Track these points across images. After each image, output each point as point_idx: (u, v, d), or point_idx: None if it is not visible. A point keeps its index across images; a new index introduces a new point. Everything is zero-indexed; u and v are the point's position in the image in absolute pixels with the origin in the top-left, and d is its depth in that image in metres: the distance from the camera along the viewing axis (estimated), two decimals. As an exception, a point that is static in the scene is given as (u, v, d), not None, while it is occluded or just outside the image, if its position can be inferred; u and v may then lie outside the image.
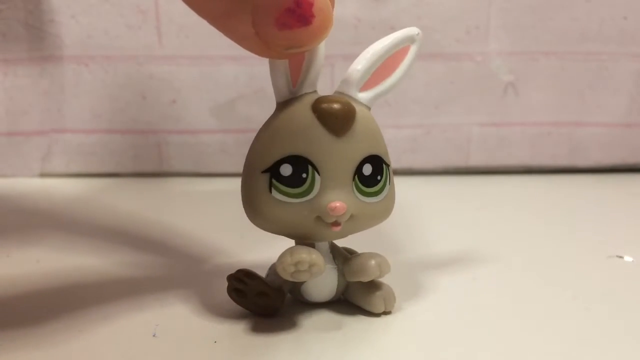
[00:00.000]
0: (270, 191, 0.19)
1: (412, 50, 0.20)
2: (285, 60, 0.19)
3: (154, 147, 0.45)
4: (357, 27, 0.43)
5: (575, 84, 0.45)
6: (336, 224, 0.19)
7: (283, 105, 0.19)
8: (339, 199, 0.18)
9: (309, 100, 0.19)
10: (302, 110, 0.19)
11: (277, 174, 0.19)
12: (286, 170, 0.18)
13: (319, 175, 0.19)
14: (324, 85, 0.20)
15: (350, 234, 0.20)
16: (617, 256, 0.27)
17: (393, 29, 0.20)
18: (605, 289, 0.24)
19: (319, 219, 0.19)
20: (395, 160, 0.45)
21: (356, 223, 0.19)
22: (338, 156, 0.19)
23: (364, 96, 0.20)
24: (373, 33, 0.43)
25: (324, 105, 0.18)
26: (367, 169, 0.19)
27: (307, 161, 0.18)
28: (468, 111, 0.45)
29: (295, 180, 0.18)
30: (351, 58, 0.20)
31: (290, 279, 0.19)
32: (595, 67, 0.45)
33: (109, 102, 0.44)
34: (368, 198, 0.19)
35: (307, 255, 0.18)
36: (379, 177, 0.19)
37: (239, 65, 0.43)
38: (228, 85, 0.44)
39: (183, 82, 0.44)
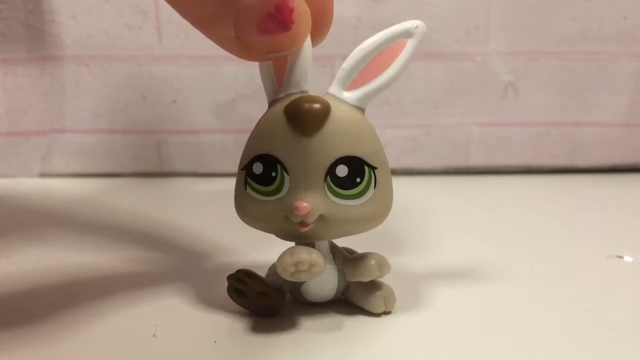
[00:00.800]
0: (246, 188, 0.19)
1: (410, 45, 0.19)
2: (270, 62, 0.19)
3: (154, 147, 0.45)
4: (357, 27, 0.43)
5: (575, 84, 0.45)
6: (303, 224, 0.19)
7: (269, 105, 0.20)
8: (307, 200, 0.18)
9: (288, 100, 0.19)
10: (276, 111, 0.19)
11: (251, 172, 0.19)
12: (258, 168, 0.19)
13: (287, 174, 0.19)
14: (324, 85, 0.20)
15: (333, 237, 0.20)
16: (617, 256, 0.27)
17: (393, 29, 0.20)
18: (605, 289, 0.24)
19: (287, 218, 0.19)
20: (395, 160, 0.45)
21: (332, 226, 0.19)
22: (307, 156, 0.18)
23: (350, 95, 0.19)
24: (373, 33, 0.42)
25: (291, 105, 0.18)
26: (342, 171, 0.18)
27: (276, 160, 0.19)
28: (468, 111, 0.45)
29: (265, 179, 0.19)
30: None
31: (291, 279, 0.19)
32: (595, 67, 0.45)
33: (109, 102, 0.44)
34: (344, 200, 0.19)
35: (307, 255, 0.18)
36: (358, 180, 0.19)
37: (239, 65, 0.43)
38: (228, 85, 0.44)
39: (183, 82, 0.44)
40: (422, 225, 0.33)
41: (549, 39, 0.44)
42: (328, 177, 0.18)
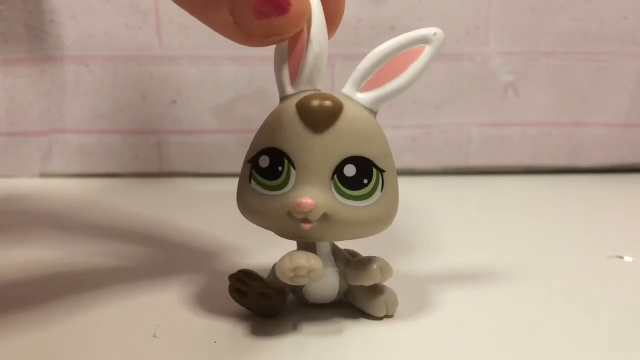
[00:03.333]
0: (250, 181, 0.19)
1: (427, 51, 0.19)
2: (285, 57, 0.19)
3: (154, 147, 0.45)
4: (357, 27, 0.43)
5: (575, 84, 0.45)
6: (306, 221, 0.18)
7: (281, 101, 0.20)
8: (311, 196, 0.18)
9: (299, 97, 0.19)
10: (289, 106, 0.19)
11: (257, 165, 0.19)
12: (264, 161, 0.19)
13: (295, 169, 0.18)
14: (324, 85, 0.20)
15: (335, 239, 0.20)
16: (617, 256, 0.27)
17: (393, 29, 0.20)
18: (605, 289, 0.24)
19: (290, 214, 0.18)
20: (395, 160, 0.45)
21: (335, 227, 0.19)
22: (315, 153, 0.18)
23: (363, 97, 0.19)
24: (373, 33, 0.43)
25: (303, 101, 0.18)
26: (350, 170, 0.18)
27: (283, 154, 0.18)
28: (468, 111, 0.45)
29: (271, 173, 0.19)
30: (351, 58, 0.20)
31: (290, 283, 0.19)
32: (595, 67, 0.45)
33: (109, 102, 0.44)
34: (350, 201, 0.18)
35: (305, 260, 0.18)
36: (365, 181, 0.19)
37: (239, 65, 0.43)
38: (228, 85, 0.44)
39: (183, 82, 0.44)
40: (421, 225, 0.33)
41: (549, 39, 0.44)
42: (335, 176, 0.18)
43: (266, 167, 0.19)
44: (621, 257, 0.27)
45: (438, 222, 0.34)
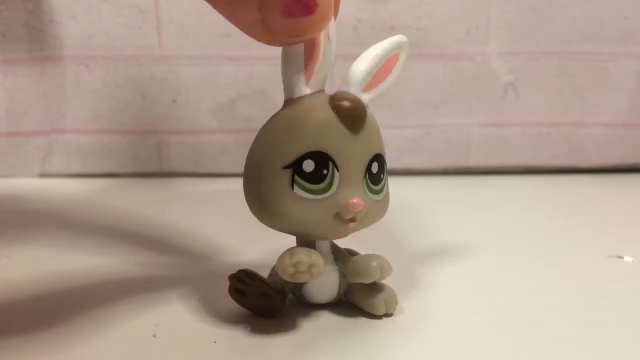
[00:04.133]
0: (292, 187, 0.18)
1: (402, 56, 0.21)
2: (301, 56, 0.19)
3: (154, 147, 0.45)
4: (357, 28, 0.43)
5: (575, 84, 0.45)
6: (353, 220, 0.19)
7: (297, 101, 0.19)
8: (356, 195, 0.19)
9: (324, 97, 0.19)
10: (321, 107, 0.19)
11: (300, 170, 0.18)
12: (309, 166, 0.18)
13: (338, 171, 0.19)
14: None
15: (355, 231, 0.20)
16: (617, 256, 0.27)
17: (393, 29, 0.21)
18: (605, 289, 0.24)
19: (337, 215, 0.19)
20: (395, 160, 0.45)
21: (365, 220, 0.20)
22: (354, 153, 0.19)
23: (365, 97, 0.20)
24: (373, 33, 0.43)
25: (344, 103, 0.19)
26: (375, 167, 0.20)
27: (328, 157, 0.18)
28: (468, 111, 0.45)
29: (316, 177, 0.18)
30: (351, 58, 0.20)
31: (290, 280, 0.19)
32: (595, 67, 0.45)
33: (109, 102, 0.44)
34: (374, 195, 0.20)
35: (306, 256, 0.18)
36: (382, 175, 0.20)
37: (239, 65, 0.43)
38: (228, 85, 0.44)
39: (183, 82, 0.44)
40: (421, 225, 0.33)
41: (549, 39, 0.44)
42: (367, 174, 0.19)
43: (311, 171, 0.18)
44: (621, 257, 0.27)
45: (438, 222, 0.34)
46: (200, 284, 0.24)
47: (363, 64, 0.20)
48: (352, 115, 0.19)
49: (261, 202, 0.19)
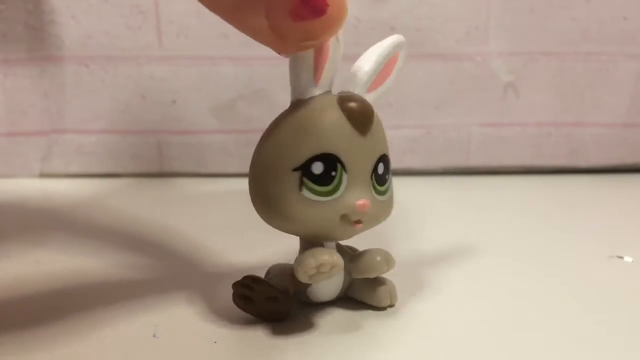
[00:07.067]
0: (301, 189, 0.18)
1: (402, 56, 0.21)
2: (311, 57, 0.18)
3: (154, 147, 0.45)
4: (357, 27, 0.43)
5: (575, 84, 0.45)
6: (359, 221, 0.19)
7: (305, 102, 0.19)
8: (363, 197, 0.19)
9: (332, 99, 0.19)
10: (329, 108, 0.19)
11: (309, 172, 0.18)
12: (317, 168, 0.18)
13: (346, 173, 0.19)
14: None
15: (361, 232, 0.20)
16: (617, 256, 0.27)
17: (393, 29, 0.21)
18: (605, 289, 0.24)
19: (344, 217, 0.19)
20: (395, 160, 0.45)
21: (370, 221, 0.20)
22: (362, 155, 0.19)
23: (370, 97, 0.20)
24: (373, 33, 0.43)
25: (353, 104, 0.19)
26: (381, 168, 0.20)
27: (336, 159, 0.18)
28: (468, 111, 0.45)
29: (325, 179, 0.18)
30: (351, 58, 0.20)
31: (308, 281, 0.19)
32: (595, 67, 0.45)
33: (109, 102, 0.44)
34: (380, 196, 0.20)
35: (329, 257, 0.18)
36: (387, 176, 0.20)
37: (239, 66, 0.43)
38: (228, 85, 0.44)
39: (183, 82, 0.44)
40: (421, 225, 0.33)
41: (549, 39, 0.44)
42: (373, 175, 0.19)
43: (320, 173, 0.18)
44: (621, 257, 0.27)
45: (438, 222, 0.34)
46: (200, 284, 0.24)
47: (367, 64, 0.20)
48: (361, 117, 0.19)
49: (269, 204, 0.19)
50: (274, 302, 0.20)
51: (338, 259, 0.19)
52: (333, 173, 0.18)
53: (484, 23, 0.44)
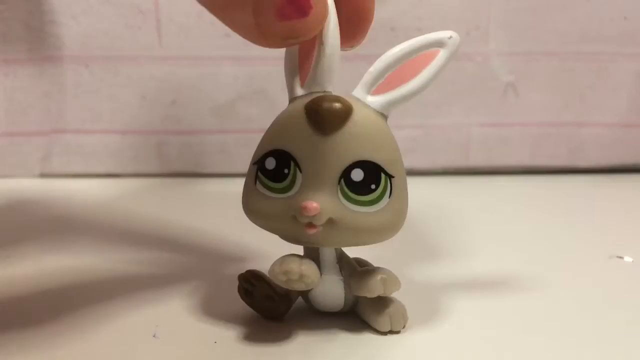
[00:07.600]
0: (255, 183, 0.19)
1: (442, 55, 0.19)
2: (296, 58, 0.19)
3: (154, 148, 0.45)
4: (357, 27, 0.43)
5: (575, 84, 0.45)
6: (310, 225, 0.18)
7: (290, 102, 0.19)
8: (317, 200, 0.18)
9: (307, 99, 0.18)
10: (298, 107, 0.18)
11: (263, 167, 0.19)
12: (270, 163, 0.18)
13: (301, 172, 0.18)
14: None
15: (341, 245, 0.19)
16: (617, 256, 0.27)
17: (393, 30, 0.20)
18: (605, 289, 0.24)
19: (295, 218, 0.18)
20: (395, 160, 0.45)
21: (341, 232, 0.18)
22: (323, 156, 0.18)
23: (374, 100, 0.19)
24: (373, 33, 0.42)
25: (311, 103, 0.18)
26: (357, 175, 0.18)
27: (290, 156, 0.18)
28: (468, 111, 0.45)
29: (277, 175, 0.18)
30: (351, 59, 0.20)
31: (285, 287, 0.18)
32: (595, 67, 0.45)
33: (109, 102, 0.44)
34: (357, 206, 0.18)
35: (296, 265, 0.18)
36: (373, 186, 0.18)
37: (239, 66, 0.43)
38: (228, 86, 0.44)
39: (183, 82, 0.44)
40: (420, 225, 0.33)
41: (549, 39, 0.44)
42: (342, 180, 0.18)
43: (272, 169, 0.18)
44: (621, 258, 0.27)
45: (437, 222, 0.34)
46: (200, 284, 0.24)
47: (375, 64, 0.19)
48: (318, 116, 0.18)
49: (242, 196, 0.20)
50: (270, 301, 0.20)
51: (307, 270, 0.18)
52: (286, 170, 0.18)
53: (484, 23, 0.44)
